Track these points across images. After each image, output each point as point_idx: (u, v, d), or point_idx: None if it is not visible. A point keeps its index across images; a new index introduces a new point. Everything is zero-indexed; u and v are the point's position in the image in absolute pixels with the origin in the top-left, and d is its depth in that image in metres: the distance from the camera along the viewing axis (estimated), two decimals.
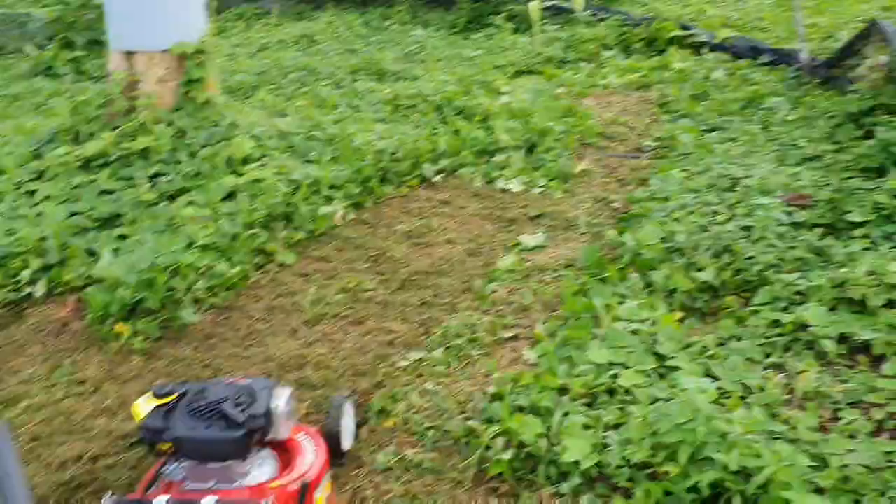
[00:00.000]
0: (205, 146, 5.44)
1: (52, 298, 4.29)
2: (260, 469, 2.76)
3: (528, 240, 4.88)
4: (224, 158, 5.31)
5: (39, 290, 4.27)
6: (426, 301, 4.31)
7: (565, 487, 2.86)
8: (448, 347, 3.79)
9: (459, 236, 5.08)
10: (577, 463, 2.87)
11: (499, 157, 6.14)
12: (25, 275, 4.32)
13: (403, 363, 3.71)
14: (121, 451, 3.19)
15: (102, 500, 2.44)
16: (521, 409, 3.18)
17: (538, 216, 5.28)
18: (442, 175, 6.03)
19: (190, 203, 4.88)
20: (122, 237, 4.60)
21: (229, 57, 9.86)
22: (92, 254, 4.48)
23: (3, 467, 1.35)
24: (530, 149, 6.31)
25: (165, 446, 2.61)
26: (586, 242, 4.81)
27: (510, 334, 3.89)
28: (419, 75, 8.66)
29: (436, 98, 7.36)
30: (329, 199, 5.32)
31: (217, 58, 6.05)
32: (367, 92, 7.97)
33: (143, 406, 2.72)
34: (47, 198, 4.95)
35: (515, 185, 5.77)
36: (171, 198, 5.01)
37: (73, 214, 4.77)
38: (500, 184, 5.82)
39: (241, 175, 5.24)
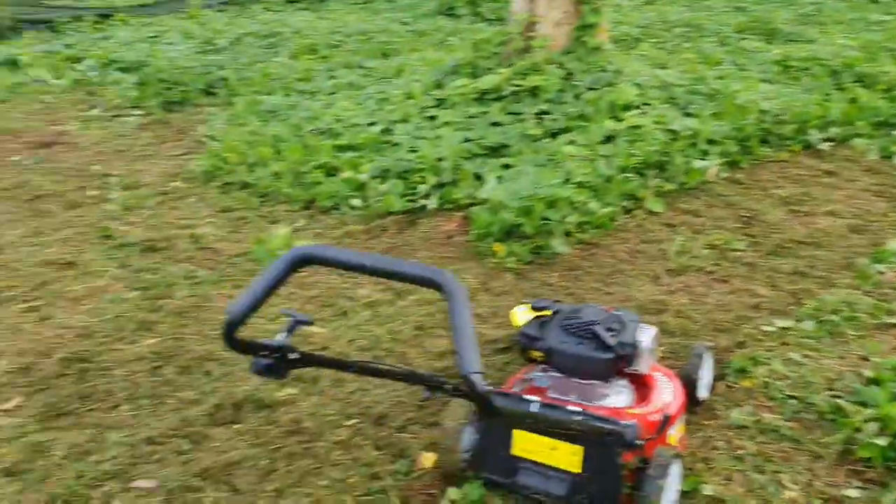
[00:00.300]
0: (590, 90, 5.61)
1: (442, 213, 4.78)
2: (617, 395, 2.88)
3: None
4: (607, 103, 5.44)
5: (432, 203, 4.78)
6: (799, 271, 4.09)
7: None
8: (820, 321, 3.58)
9: (843, 210, 4.71)
10: None
11: None
12: (422, 189, 4.86)
13: (768, 328, 3.58)
14: (490, 353, 3.51)
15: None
16: None
17: None
18: (830, 144, 5.60)
19: (571, 142, 5.10)
20: (506, 166, 4.96)
21: (615, 8, 9.95)
22: (478, 178, 4.90)
23: (460, 321, 1.58)
24: None
25: (537, 354, 2.83)
26: None
27: (895, 320, 3.56)
28: (814, 38, 8.04)
29: (833, 62, 6.80)
30: (704, 154, 5.22)
31: (608, 7, 6.15)
32: (753, 51, 7.60)
33: (521, 315, 2.97)
34: (445, 123, 5.47)
35: None
36: (554, 135, 5.27)
37: (465, 140, 5.23)
38: None
39: (620, 120, 5.34)
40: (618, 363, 2.74)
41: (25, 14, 10.72)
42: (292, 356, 1.88)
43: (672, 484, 2.52)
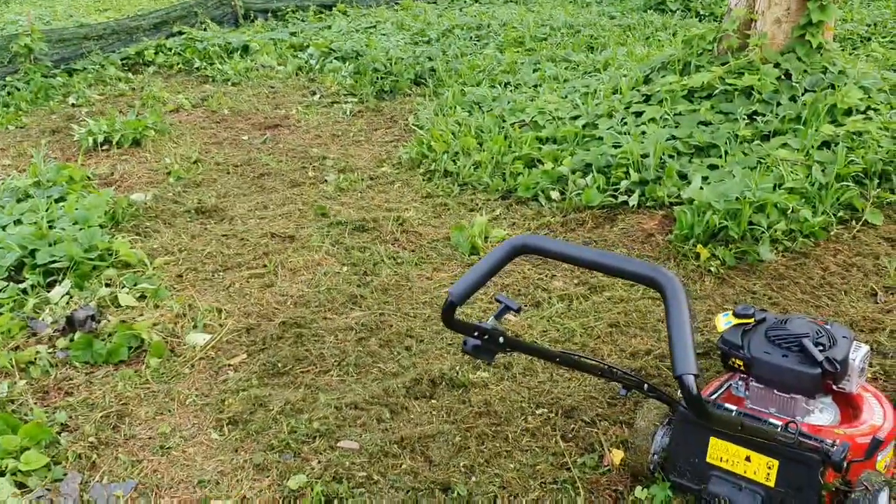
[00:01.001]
0: (808, 91, 5.32)
1: (642, 210, 4.73)
2: (821, 413, 2.76)
3: None
4: (826, 106, 5.13)
5: (633, 200, 4.74)
6: None
7: None
8: None
9: None
10: None
11: None
12: (624, 184, 4.83)
13: None
14: None
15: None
16: None
17: None
18: None
19: (784, 145, 4.87)
20: (713, 167, 4.82)
21: (842, 4, 9.30)
22: (683, 177, 4.80)
23: (677, 321, 1.60)
24: None
25: (737, 362, 2.76)
26: None
27: None
28: None
29: None
30: None
31: (838, 3, 5.77)
32: None
33: (723, 321, 2.90)
34: (651, 120, 5.40)
35: None
36: (766, 137, 5.06)
37: (671, 138, 5.13)
38: None
39: (841, 125, 5.03)
40: (824, 380, 2.62)
41: (256, 3, 11.64)
42: (501, 340, 1.97)
43: None
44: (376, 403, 3.21)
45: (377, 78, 7.93)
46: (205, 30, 10.27)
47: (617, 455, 2.87)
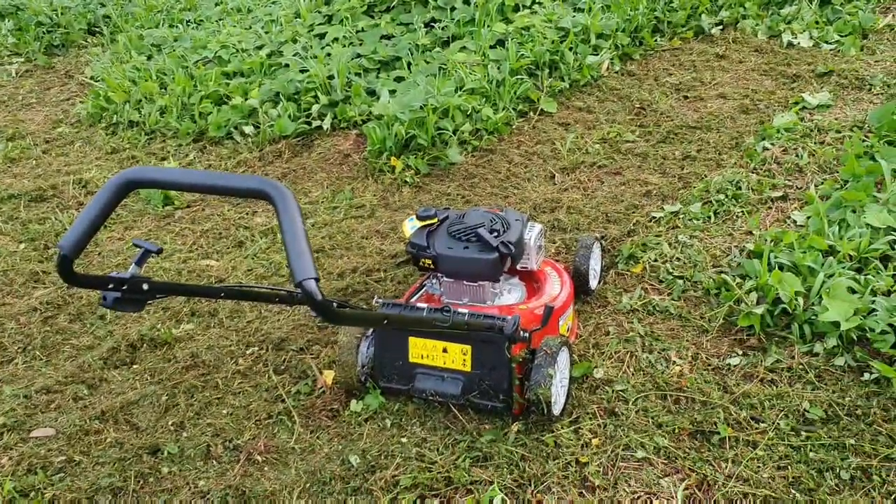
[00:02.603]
0: None
1: (337, 132, 4.70)
2: (509, 294, 2.95)
3: (812, 98, 4.49)
4: (496, 5, 5.35)
5: (326, 123, 4.69)
6: (689, 155, 4.17)
7: (819, 347, 2.74)
8: (707, 202, 3.68)
9: (733, 91, 4.79)
10: (836, 324, 2.72)
11: (787, 10, 5.60)
12: (315, 109, 4.75)
13: (658, 214, 3.67)
14: (389, 267, 3.52)
15: (373, 301, 2.75)
16: (780, 268, 3.04)
17: (826, 73, 4.81)
18: (720, 28, 5.65)
19: (462, 49, 5.03)
20: (399, 79, 4.87)
21: None
22: (372, 93, 4.81)
23: (290, 228, 1.55)
24: (826, 0, 5.68)
25: (426, 262, 2.84)
26: (880, 103, 4.32)
27: (778, 194, 3.68)
28: None
29: None
30: (596, 49, 5.22)
31: None
32: None
33: (409, 226, 2.96)
34: (335, 40, 5.33)
35: (803, 40, 5.26)
36: (446, 43, 5.19)
37: (356, 56, 5.11)
38: (785, 38, 5.33)
39: (511, 22, 5.28)
40: (503, 263, 2.77)
41: None
42: (145, 287, 1.84)
43: (560, 371, 2.60)
44: (71, 382, 2.95)
45: (43, 32, 7.13)
46: None
47: (329, 375, 2.87)
